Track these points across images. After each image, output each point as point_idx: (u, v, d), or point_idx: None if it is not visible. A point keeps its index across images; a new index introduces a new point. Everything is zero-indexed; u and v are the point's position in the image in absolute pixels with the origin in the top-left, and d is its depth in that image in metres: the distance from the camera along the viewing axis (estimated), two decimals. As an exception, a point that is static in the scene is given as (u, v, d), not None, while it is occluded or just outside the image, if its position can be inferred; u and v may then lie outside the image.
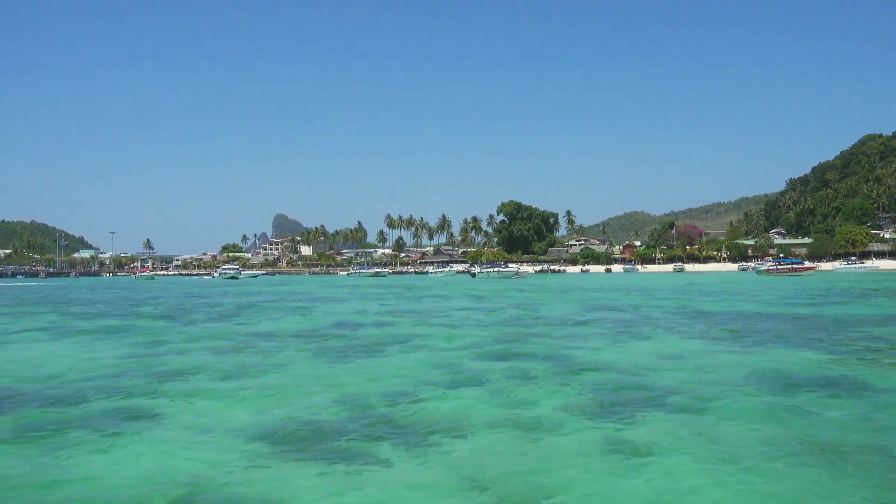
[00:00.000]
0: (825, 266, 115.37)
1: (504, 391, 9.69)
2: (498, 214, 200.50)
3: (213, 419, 8.36)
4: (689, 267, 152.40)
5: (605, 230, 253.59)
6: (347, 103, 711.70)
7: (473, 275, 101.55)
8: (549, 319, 21.94)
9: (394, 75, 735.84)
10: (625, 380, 10.44)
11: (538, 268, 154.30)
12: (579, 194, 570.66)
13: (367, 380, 10.87)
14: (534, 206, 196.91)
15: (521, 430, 7.60)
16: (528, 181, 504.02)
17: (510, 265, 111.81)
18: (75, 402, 9.37)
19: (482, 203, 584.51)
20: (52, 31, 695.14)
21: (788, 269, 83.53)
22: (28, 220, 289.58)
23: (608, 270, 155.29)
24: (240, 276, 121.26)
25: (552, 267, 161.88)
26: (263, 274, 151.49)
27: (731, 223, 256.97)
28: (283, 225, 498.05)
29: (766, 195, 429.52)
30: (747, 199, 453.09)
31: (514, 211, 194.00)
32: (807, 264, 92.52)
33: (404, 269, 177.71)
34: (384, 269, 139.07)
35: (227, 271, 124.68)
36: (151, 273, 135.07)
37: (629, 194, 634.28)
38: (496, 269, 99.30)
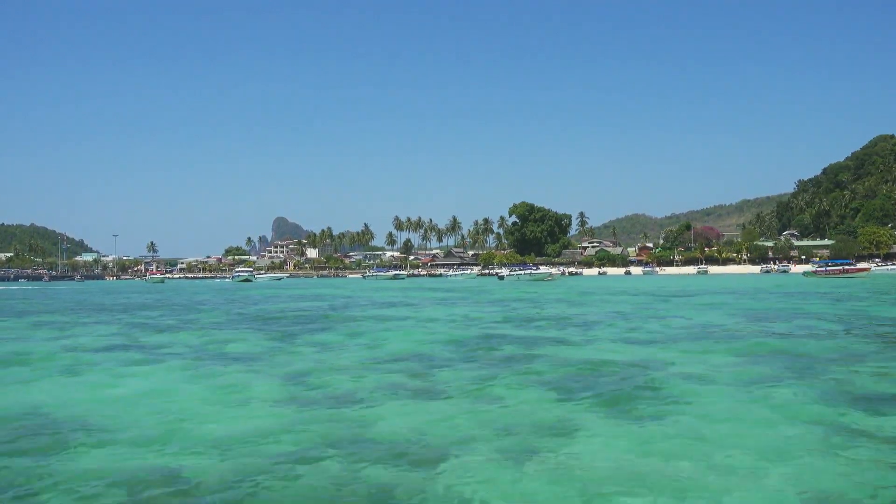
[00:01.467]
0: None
1: None
2: (510, 216, 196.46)
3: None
4: (711, 269, 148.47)
5: (615, 232, 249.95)
6: (347, 104, 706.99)
7: (501, 277, 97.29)
8: (731, 329, 17.69)
9: (393, 76, 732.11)
10: None
11: (554, 270, 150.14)
12: (580, 196, 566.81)
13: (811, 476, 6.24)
14: (546, 208, 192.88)
15: None
16: (530, 183, 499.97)
17: (542, 267, 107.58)
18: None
19: (483, 204, 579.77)
20: (52, 31, 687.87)
21: (839, 270, 79.64)
22: (27, 224, 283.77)
23: (628, 273, 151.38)
24: (253, 280, 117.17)
25: (569, 269, 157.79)
26: (288, 276, 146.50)
27: (743, 225, 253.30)
28: (283, 228, 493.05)
29: (769, 197, 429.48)
30: (749, 201, 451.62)
31: (527, 212, 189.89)
32: (860, 265, 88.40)
33: (415, 271, 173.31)
34: (402, 272, 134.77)
35: (240, 274, 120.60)
36: (162, 276, 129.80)
37: (630, 197, 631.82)
38: (528, 272, 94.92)
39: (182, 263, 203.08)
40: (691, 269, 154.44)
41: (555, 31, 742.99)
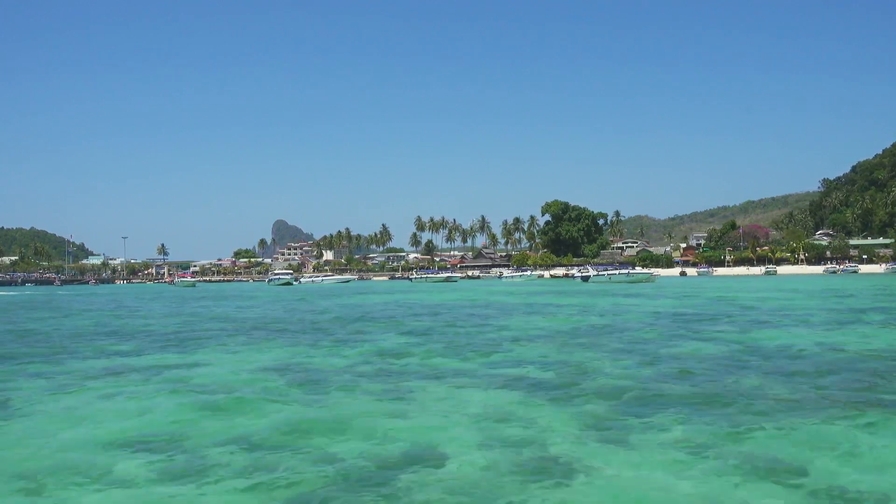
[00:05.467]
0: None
1: None
2: (542, 215, 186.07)
3: None
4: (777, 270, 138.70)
5: (643, 231, 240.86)
6: (349, 106, 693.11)
7: (586, 279, 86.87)
8: None
9: (394, 77, 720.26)
10: None
11: (653, 270, 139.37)
12: (582, 198, 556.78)
13: None
14: (581, 206, 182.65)
15: None
16: (532, 185, 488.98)
17: (637, 268, 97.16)
18: None
19: (482, 205, 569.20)
20: (51, 32, 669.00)
21: None
22: (28, 227, 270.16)
23: (683, 274, 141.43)
24: (294, 283, 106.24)
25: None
26: (356, 279, 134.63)
27: (776, 224, 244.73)
28: (283, 231, 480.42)
29: (774, 198, 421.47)
30: (754, 202, 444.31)
31: (561, 211, 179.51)
32: None
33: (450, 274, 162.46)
34: (455, 275, 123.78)
35: (280, 277, 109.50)
36: (193, 280, 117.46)
37: (632, 199, 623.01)
38: (625, 272, 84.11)
39: (195, 266, 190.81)
40: (744, 270, 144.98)
41: (552, 32, 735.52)
